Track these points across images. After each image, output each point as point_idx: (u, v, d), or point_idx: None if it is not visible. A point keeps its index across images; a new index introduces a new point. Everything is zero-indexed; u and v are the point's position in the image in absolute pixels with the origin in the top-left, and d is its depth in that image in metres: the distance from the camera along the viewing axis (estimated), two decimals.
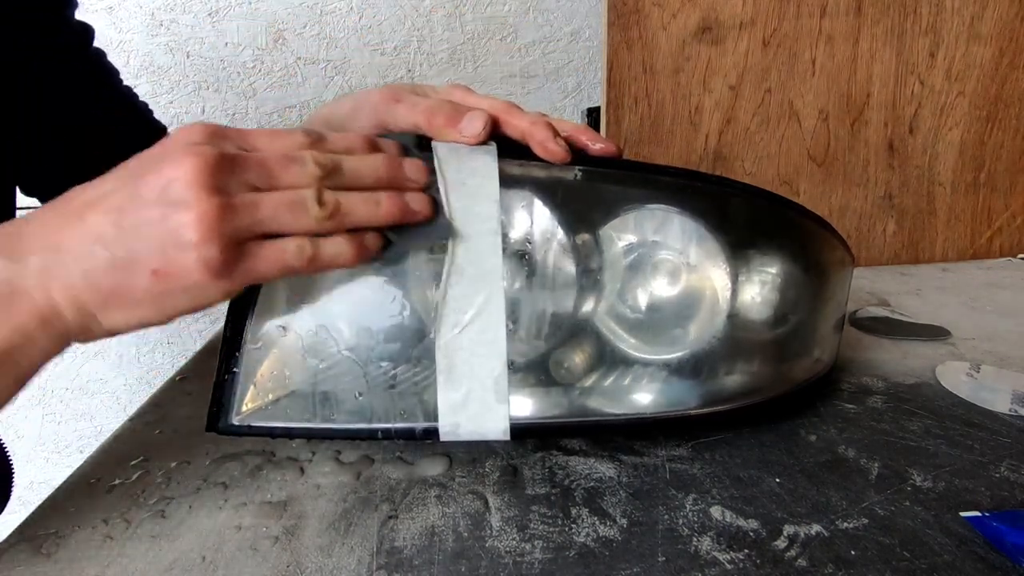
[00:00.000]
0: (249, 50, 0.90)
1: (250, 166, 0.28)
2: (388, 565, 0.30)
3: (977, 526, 0.31)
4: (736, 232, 0.38)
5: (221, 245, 0.27)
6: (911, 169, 0.80)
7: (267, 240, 0.29)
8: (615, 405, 0.37)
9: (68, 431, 1.05)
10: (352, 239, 0.31)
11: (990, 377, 0.47)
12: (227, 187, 0.27)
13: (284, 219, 0.29)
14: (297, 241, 0.29)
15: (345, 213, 0.30)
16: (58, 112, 0.49)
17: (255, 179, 0.28)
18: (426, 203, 0.32)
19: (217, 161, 0.27)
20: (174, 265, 0.27)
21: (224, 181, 0.27)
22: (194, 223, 0.26)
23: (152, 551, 0.32)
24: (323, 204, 0.29)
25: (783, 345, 0.40)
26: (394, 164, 0.32)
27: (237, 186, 0.28)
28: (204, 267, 0.27)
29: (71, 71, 0.49)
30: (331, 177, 0.30)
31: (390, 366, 0.35)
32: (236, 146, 0.29)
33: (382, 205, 0.31)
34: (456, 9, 0.91)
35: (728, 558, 0.30)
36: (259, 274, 0.29)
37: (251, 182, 0.28)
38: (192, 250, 0.27)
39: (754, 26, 0.74)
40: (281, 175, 0.29)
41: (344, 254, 0.31)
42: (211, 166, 0.27)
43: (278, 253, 0.29)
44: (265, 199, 0.28)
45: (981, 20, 0.75)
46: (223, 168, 0.27)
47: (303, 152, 0.30)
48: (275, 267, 0.29)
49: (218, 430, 0.35)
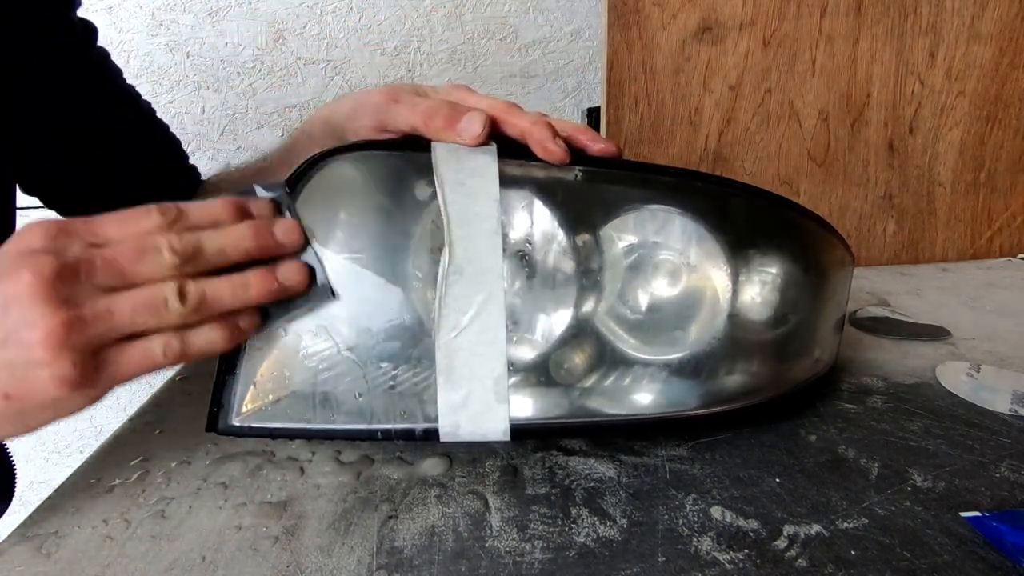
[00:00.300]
0: (249, 50, 0.90)
1: (97, 268, 0.26)
2: (388, 565, 0.30)
3: (977, 526, 0.31)
4: (736, 232, 0.38)
5: (74, 359, 0.26)
6: (911, 169, 0.80)
7: (129, 342, 0.27)
8: (615, 405, 0.37)
9: (68, 431, 1.05)
10: (223, 325, 0.29)
11: (990, 377, 0.47)
12: (74, 297, 0.26)
13: (144, 320, 0.27)
14: (163, 339, 0.28)
15: (212, 302, 0.29)
16: (59, 111, 0.49)
17: (106, 280, 0.27)
18: (300, 272, 0.31)
19: (57, 271, 0.25)
20: (26, 386, 0.26)
21: (69, 291, 0.26)
22: (40, 343, 0.25)
23: (152, 551, 0.32)
24: (184, 298, 0.28)
25: (783, 345, 0.40)
26: (262, 233, 0.30)
27: (86, 293, 0.26)
28: (60, 383, 0.26)
29: (72, 70, 0.49)
30: (192, 263, 0.28)
31: (390, 367, 0.35)
32: (82, 243, 0.27)
33: (251, 287, 0.30)
34: (456, 9, 0.91)
35: (728, 558, 0.30)
36: (125, 376, 0.28)
37: (102, 284, 0.27)
38: (44, 368, 0.25)
39: (754, 26, 0.74)
40: (136, 271, 0.27)
41: (217, 342, 0.29)
42: (49, 279, 0.25)
43: (143, 354, 0.28)
44: (119, 302, 0.27)
45: (981, 20, 0.75)
46: (65, 277, 0.26)
47: (158, 239, 0.28)
48: (141, 368, 0.28)
49: (218, 430, 0.35)
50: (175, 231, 0.29)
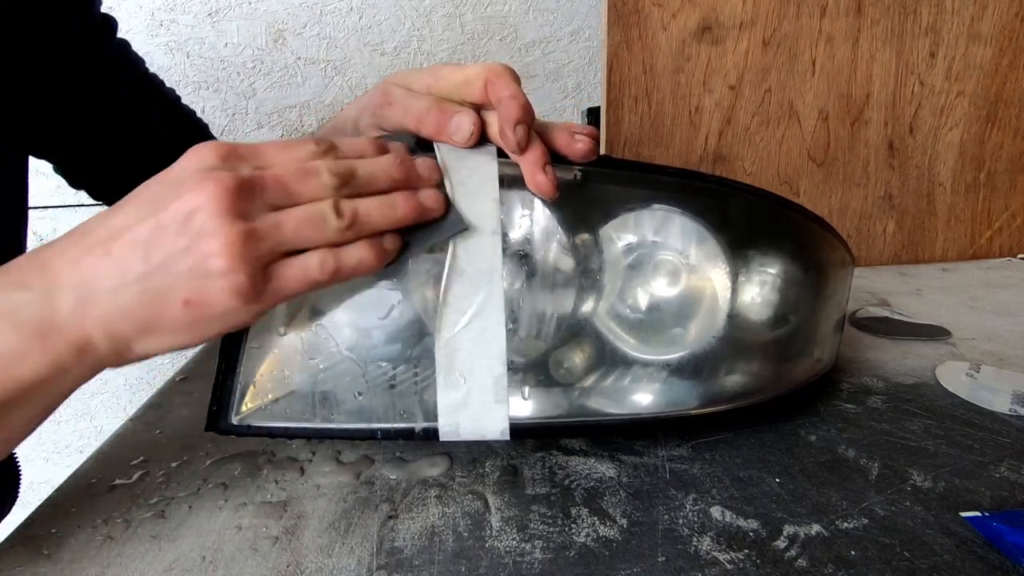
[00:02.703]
0: (249, 50, 0.90)
1: (268, 186, 0.28)
2: (388, 565, 0.30)
3: (977, 526, 0.31)
4: (736, 232, 0.38)
5: (248, 271, 0.27)
6: (911, 169, 0.80)
7: (291, 258, 0.29)
8: (615, 405, 0.37)
9: (68, 431, 1.05)
10: (372, 245, 0.31)
11: (990, 377, 0.47)
12: (249, 212, 0.28)
13: (306, 235, 0.29)
14: (320, 255, 0.29)
15: (364, 221, 0.30)
16: (86, 103, 0.50)
17: (274, 198, 0.29)
18: (439, 199, 0.33)
19: (237, 186, 0.27)
20: (205, 294, 0.27)
21: (245, 206, 0.27)
22: (220, 252, 0.27)
23: (152, 551, 0.32)
24: (341, 215, 0.29)
25: (783, 345, 0.40)
26: (406, 164, 0.32)
27: (258, 209, 0.28)
28: (234, 294, 0.27)
29: (95, 62, 0.50)
30: (347, 185, 0.30)
31: (390, 366, 0.35)
32: (251, 165, 0.29)
33: (398, 207, 0.31)
34: (456, 9, 0.91)
35: (728, 558, 0.30)
36: (287, 293, 0.29)
37: (271, 202, 0.28)
38: (221, 278, 0.27)
39: (754, 26, 0.74)
40: (299, 190, 0.29)
41: (366, 260, 0.31)
42: (231, 192, 0.27)
43: (303, 270, 0.29)
44: (286, 218, 0.28)
45: (981, 20, 0.75)
46: (243, 193, 0.27)
47: (317, 163, 0.30)
48: (301, 284, 0.29)
49: (218, 430, 0.35)
50: (331, 157, 0.31)
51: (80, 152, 0.52)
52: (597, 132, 0.37)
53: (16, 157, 0.47)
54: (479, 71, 0.33)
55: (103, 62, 0.51)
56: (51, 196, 0.91)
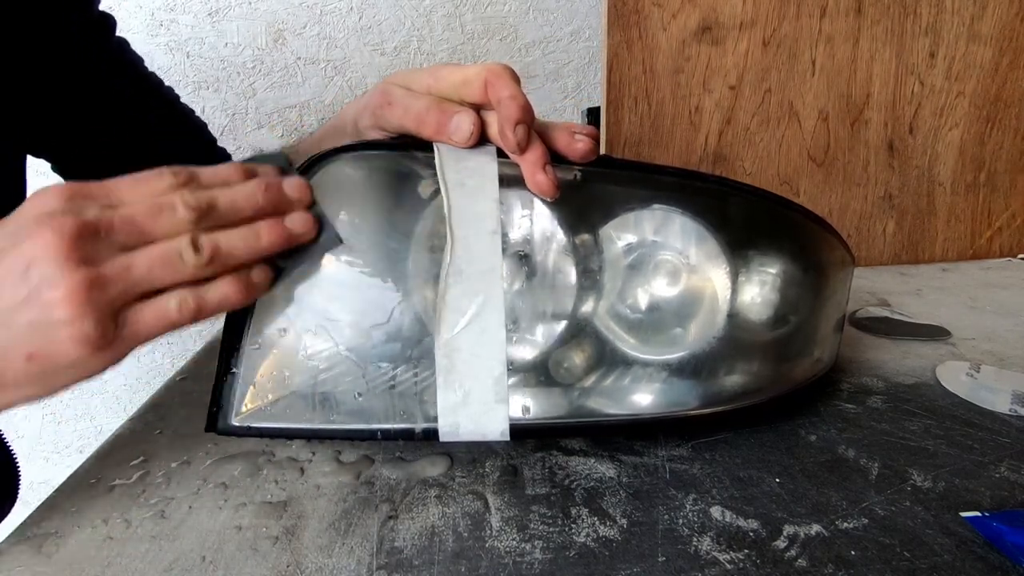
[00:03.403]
0: (249, 50, 0.90)
1: (116, 226, 0.27)
2: (388, 565, 0.30)
3: (977, 526, 0.31)
4: (736, 232, 0.38)
5: (95, 318, 0.26)
6: (911, 169, 0.80)
7: (146, 300, 0.28)
8: (615, 405, 0.37)
9: (68, 431, 1.05)
10: (237, 279, 0.30)
11: (990, 377, 0.47)
12: (94, 256, 0.26)
13: (161, 275, 0.28)
14: (178, 296, 0.28)
15: (226, 254, 0.29)
16: (84, 101, 0.50)
17: (124, 238, 0.27)
18: (308, 222, 0.32)
19: (78, 231, 0.26)
20: (49, 346, 0.26)
21: (89, 250, 0.26)
22: (62, 301, 0.25)
23: (152, 551, 0.32)
24: (199, 250, 0.28)
25: (783, 345, 0.40)
26: (271, 187, 0.31)
27: (105, 252, 0.27)
28: (81, 343, 0.26)
29: (94, 61, 0.50)
30: (206, 218, 0.29)
31: (389, 366, 0.35)
32: (98, 204, 0.27)
33: (263, 236, 0.30)
34: (456, 9, 0.91)
35: (728, 558, 0.30)
36: (143, 337, 0.28)
37: (121, 243, 0.27)
38: (65, 328, 0.26)
39: (754, 26, 0.74)
40: (152, 228, 0.28)
41: (231, 296, 0.30)
42: (71, 237, 0.26)
43: (159, 312, 0.28)
44: (137, 259, 0.27)
45: (981, 20, 0.75)
46: (86, 236, 0.26)
47: (172, 197, 0.28)
48: (158, 327, 0.28)
49: (218, 430, 0.35)
50: (188, 188, 0.29)
51: (78, 151, 0.52)
52: (597, 132, 0.37)
53: (14, 156, 0.47)
54: (479, 71, 0.33)
55: (101, 61, 0.51)
56: None
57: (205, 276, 0.29)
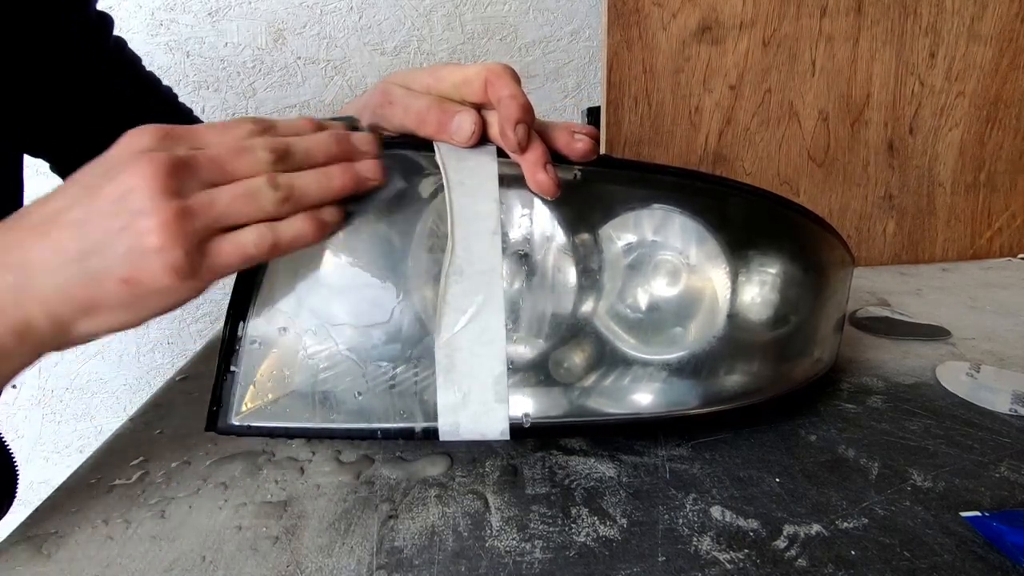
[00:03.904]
0: (249, 50, 0.90)
1: (202, 164, 0.29)
2: (388, 565, 0.30)
3: (977, 526, 0.31)
4: (736, 232, 0.38)
5: (184, 248, 0.27)
6: (911, 169, 0.80)
7: (228, 233, 0.29)
8: (615, 405, 0.37)
9: (68, 431, 1.05)
10: (310, 217, 0.31)
11: (990, 377, 0.47)
12: (183, 189, 0.28)
13: (241, 210, 0.29)
14: (256, 230, 0.30)
15: (300, 193, 0.31)
16: (82, 101, 0.50)
17: (209, 176, 0.29)
18: (377, 168, 0.33)
19: (171, 165, 0.27)
20: (141, 272, 0.27)
21: (179, 184, 0.28)
22: (155, 230, 0.27)
23: (152, 551, 0.32)
24: (277, 188, 0.30)
25: (783, 345, 0.40)
26: (342, 137, 0.33)
27: (193, 187, 0.28)
28: (171, 271, 0.27)
29: (92, 61, 0.50)
30: (283, 161, 0.31)
31: (389, 366, 0.35)
32: (187, 145, 0.29)
33: (335, 178, 0.32)
34: (456, 9, 0.91)
35: (728, 558, 0.30)
36: (225, 269, 0.29)
37: (206, 179, 0.29)
38: (157, 256, 0.27)
39: (754, 26, 0.74)
40: (234, 167, 0.29)
41: (304, 233, 0.31)
42: (165, 171, 0.27)
43: (238, 245, 0.29)
44: (221, 194, 0.29)
45: (981, 20, 0.75)
46: (177, 171, 0.28)
47: (253, 141, 0.30)
48: (238, 259, 0.30)
49: (218, 430, 0.35)
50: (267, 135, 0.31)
51: (76, 150, 0.52)
52: (597, 132, 0.37)
53: (12, 156, 0.47)
54: (479, 71, 0.33)
55: (99, 60, 0.51)
56: None
57: (282, 214, 0.30)
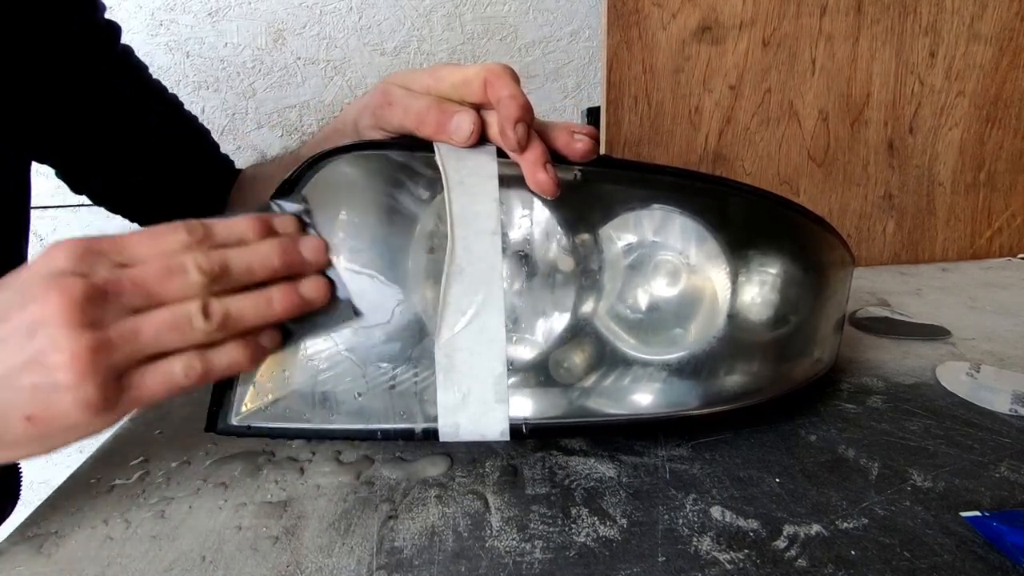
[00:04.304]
0: (249, 50, 0.90)
1: (125, 288, 0.27)
2: (388, 565, 0.30)
3: (977, 526, 0.31)
4: (736, 232, 0.38)
5: (98, 382, 0.26)
6: (911, 169, 0.80)
7: (152, 363, 0.28)
8: (615, 405, 0.37)
9: None
10: (246, 344, 0.30)
11: (990, 377, 0.47)
12: (100, 319, 0.26)
13: (168, 340, 0.27)
14: (185, 360, 0.28)
15: (236, 320, 0.29)
16: (88, 109, 0.50)
17: (133, 301, 0.27)
18: (323, 289, 0.31)
19: (86, 294, 0.25)
20: (50, 410, 0.26)
21: (96, 314, 0.26)
22: (66, 365, 0.25)
23: (152, 551, 0.32)
24: (209, 317, 0.28)
25: (783, 345, 0.40)
26: (288, 249, 0.31)
27: (113, 315, 0.26)
28: (83, 407, 0.26)
29: (98, 68, 0.50)
30: (218, 281, 0.28)
31: (389, 366, 0.35)
32: (110, 262, 0.27)
33: (275, 303, 0.30)
34: (456, 9, 0.91)
35: (728, 558, 0.30)
36: (146, 400, 0.28)
37: (130, 305, 0.27)
38: (67, 392, 0.25)
39: (754, 26, 0.74)
40: (162, 291, 0.27)
41: (238, 361, 0.29)
42: (79, 301, 0.25)
43: (165, 376, 0.28)
44: (145, 323, 0.27)
45: (981, 20, 0.75)
46: (94, 300, 0.26)
47: (185, 259, 0.28)
48: (163, 390, 0.28)
49: (218, 430, 0.35)
50: (202, 249, 0.29)
51: (81, 157, 0.52)
52: (597, 132, 0.37)
53: (18, 159, 0.47)
54: (478, 71, 0.33)
55: (105, 66, 0.50)
56: (51, 197, 0.90)
57: (214, 341, 0.29)
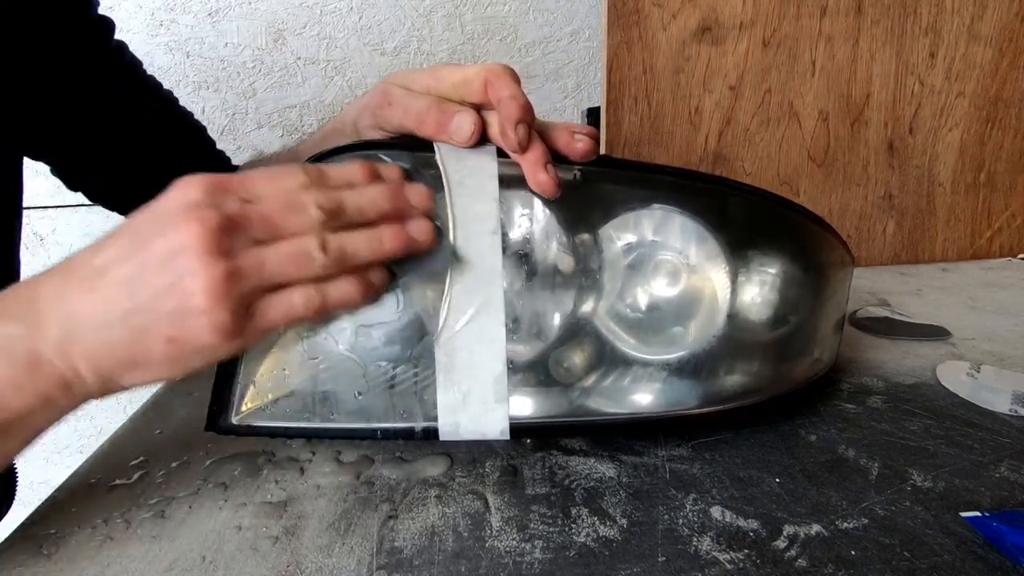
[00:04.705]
0: (249, 50, 0.90)
1: (252, 221, 0.28)
2: (388, 565, 0.30)
3: (977, 526, 0.31)
4: (736, 232, 0.38)
5: (230, 309, 0.27)
6: (911, 169, 0.80)
7: (274, 293, 0.29)
8: (615, 405, 0.37)
9: (68, 431, 1.05)
10: (358, 279, 0.31)
11: (990, 377, 0.47)
12: (232, 250, 0.28)
13: (290, 271, 0.29)
14: (304, 291, 0.30)
15: (350, 256, 0.30)
16: (83, 105, 0.50)
17: (259, 233, 0.29)
18: (429, 231, 0.32)
19: (221, 224, 0.27)
20: (187, 331, 0.28)
21: (229, 244, 0.28)
22: (203, 291, 0.27)
23: (152, 551, 0.32)
24: (327, 251, 0.29)
25: (783, 345, 0.40)
26: (396, 194, 0.32)
27: (242, 245, 0.28)
28: (215, 331, 0.28)
29: (93, 65, 0.50)
30: (334, 219, 0.30)
31: (390, 366, 0.35)
32: (237, 198, 0.29)
33: (385, 242, 0.31)
34: (456, 9, 0.91)
35: (728, 558, 0.30)
36: (269, 328, 0.30)
37: (255, 237, 0.29)
38: (203, 316, 0.27)
39: (754, 26, 0.74)
40: (285, 225, 0.29)
41: (352, 296, 0.31)
42: (215, 231, 0.27)
43: (286, 306, 0.29)
44: (270, 255, 0.29)
45: (981, 20, 0.75)
46: (227, 231, 0.28)
47: (304, 196, 0.30)
48: (284, 319, 0.30)
49: (218, 430, 0.35)
50: (319, 189, 0.30)
51: (76, 154, 0.52)
52: (597, 132, 0.37)
53: (11, 157, 0.47)
54: (479, 71, 0.33)
55: (100, 63, 0.50)
56: (51, 197, 0.90)
57: (329, 275, 0.30)
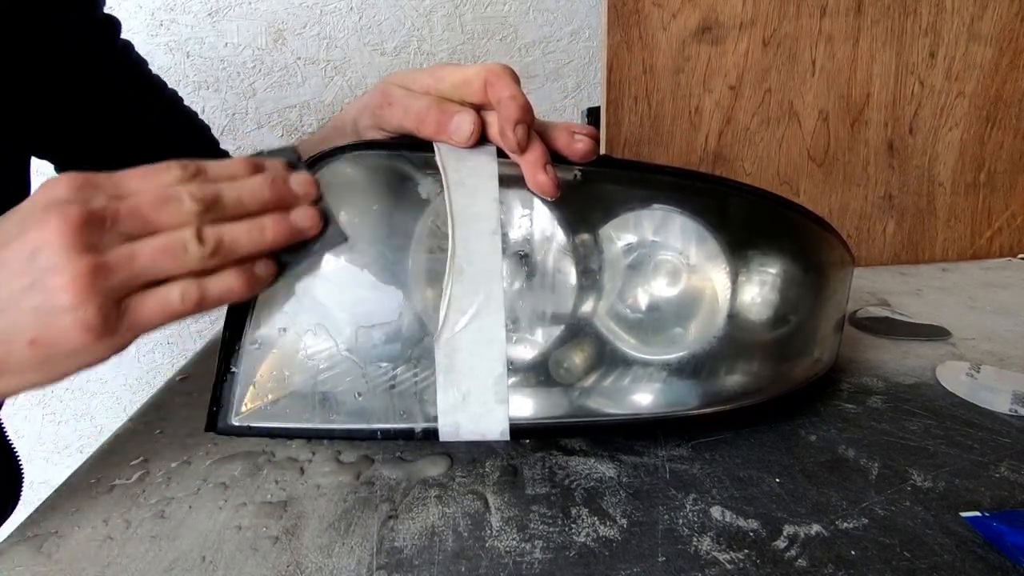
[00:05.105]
0: (249, 50, 0.90)
1: (122, 216, 0.27)
2: (388, 565, 0.30)
3: (977, 526, 0.31)
4: (736, 232, 0.38)
5: (98, 304, 0.26)
6: (911, 169, 0.80)
7: (149, 289, 0.28)
8: (615, 405, 0.37)
9: (68, 431, 1.05)
10: (241, 271, 0.30)
11: (990, 377, 0.47)
12: (98, 244, 0.26)
13: (164, 265, 0.28)
14: (181, 286, 0.28)
15: (229, 247, 0.29)
16: (88, 104, 0.50)
17: (129, 228, 0.27)
18: (314, 217, 0.32)
19: (84, 220, 0.26)
20: (52, 332, 0.26)
21: (94, 238, 0.26)
22: (66, 287, 0.26)
23: (152, 551, 0.32)
24: (203, 242, 0.28)
25: (783, 345, 0.40)
26: (278, 182, 0.31)
27: (110, 240, 0.27)
28: (84, 330, 0.26)
29: (99, 64, 0.50)
30: (211, 210, 0.29)
31: (389, 366, 0.35)
32: (107, 194, 0.28)
33: (267, 230, 0.30)
34: (456, 9, 0.91)
35: (728, 558, 0.30)
36: (147, 325, 0.28)
37: (126, 232, 0.27)
38: (68, 314, 0.26)
39: (754, 26, 0.74)
40: (157, 219, 0.28)
41: (234, 288, 0.30)
42: (78, 226, 0.26)
43: (162, 302, 0.28)
44: (141, 248, 0.27)
45: (981, 20, 0.75)
46: (91, 226, 0.26)
47: (178, 189, 0.29)
48: (161, 316, 0.28)
49: (218, 430, 0.35)
50: (195, 182, 0.30)
51: (81, 153, 0.52)
52: (597, 132, 0.37)
53: (17, 157, 0.47)
54: (479, 71, 0.33)
55: (105, 63, 0.51)
56: None
57: (209, 268, 0.29)
